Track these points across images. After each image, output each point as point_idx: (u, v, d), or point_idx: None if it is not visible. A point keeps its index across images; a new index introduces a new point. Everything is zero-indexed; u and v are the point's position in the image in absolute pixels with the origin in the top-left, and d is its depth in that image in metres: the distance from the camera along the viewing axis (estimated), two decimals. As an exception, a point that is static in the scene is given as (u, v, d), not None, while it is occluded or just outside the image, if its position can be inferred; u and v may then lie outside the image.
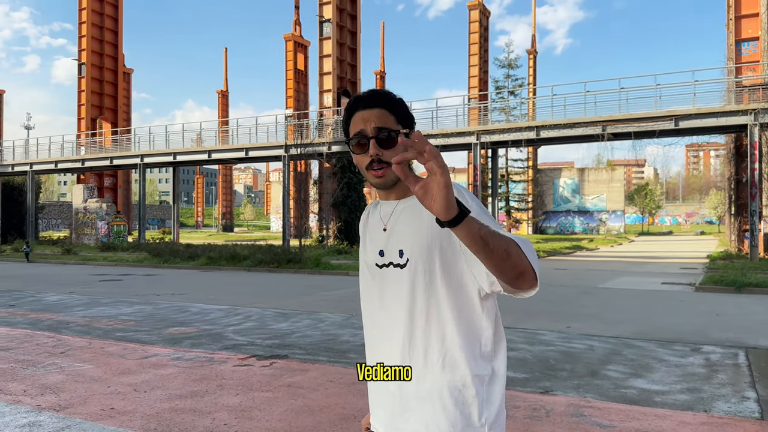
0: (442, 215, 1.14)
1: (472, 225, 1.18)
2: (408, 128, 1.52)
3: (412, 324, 1.45)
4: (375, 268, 1.53)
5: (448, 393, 1.41)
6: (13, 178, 44.92)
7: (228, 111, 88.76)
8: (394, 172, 1.34)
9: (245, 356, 6.56)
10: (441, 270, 1.42)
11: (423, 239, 1.43)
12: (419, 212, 1.44)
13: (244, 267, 20.40)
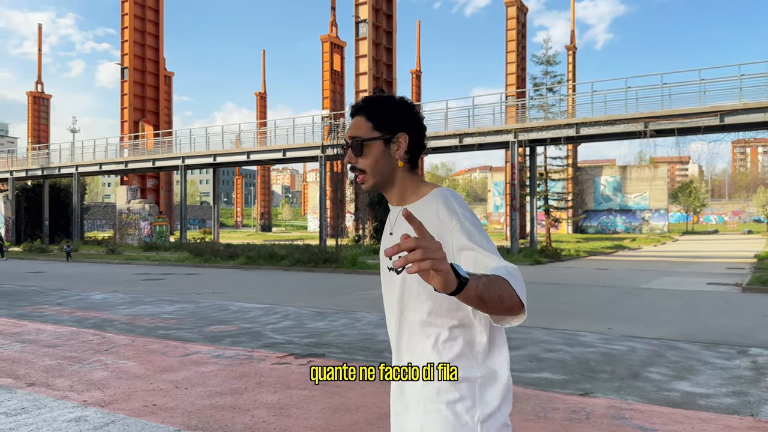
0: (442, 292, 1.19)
1: (469, 291, 1.21)
2: (391, 132, 1.55)
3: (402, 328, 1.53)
4: (386, 271, 1.60)
5: (440, 395, 1.46)
6: (59, 180, 46.49)
7: (266, 112, 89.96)
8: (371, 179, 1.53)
9: (283, 354, 6.64)
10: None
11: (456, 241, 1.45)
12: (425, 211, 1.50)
13: (282, 266, 20.65)
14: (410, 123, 1.58)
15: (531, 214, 29.00)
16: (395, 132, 1.56)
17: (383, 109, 1.58)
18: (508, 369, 1.50)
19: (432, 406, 1.47)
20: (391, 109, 1.58)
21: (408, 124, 1.58)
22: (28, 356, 6.55)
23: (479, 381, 1.47)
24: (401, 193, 1.60)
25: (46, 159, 45.86)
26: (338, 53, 61.58)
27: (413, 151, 1.59)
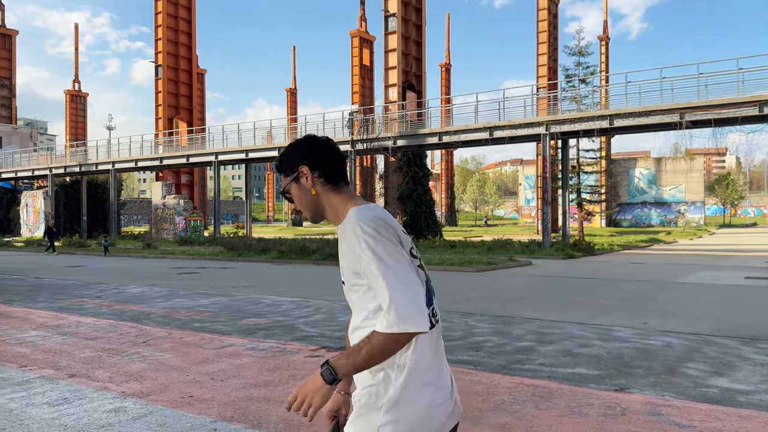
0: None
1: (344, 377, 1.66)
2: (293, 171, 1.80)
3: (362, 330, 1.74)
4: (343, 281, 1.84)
5: (361, 381, 1.72)
6: (97, 177, 47.64)
7: (296, 108, 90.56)
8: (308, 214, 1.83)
9: (316, 347, 6.70)
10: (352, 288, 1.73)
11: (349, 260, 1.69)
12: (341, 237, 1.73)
13: (313, 260, 20.81)
14: (307, 153, 1.80)
15: (563, 207, 28.60)
16: (296, 168, 1.80)
17: (282, 158, 1.84)
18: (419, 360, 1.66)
19: (359, 388, 1.73)
20: (287, 154, 1.83)
21: (304, 155, 1.80)
22: (69, 348, 6.75)
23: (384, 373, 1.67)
24: (335, 214, 1.81)
25: (84, 156, 47.02)
26: (367, 48, 61.55)
27: (326, 172, 1.79)
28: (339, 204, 1.79)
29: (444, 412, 1.68)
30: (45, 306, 10.29)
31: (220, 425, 4.14)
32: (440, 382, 1.69)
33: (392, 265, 1.60)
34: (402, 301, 1.56)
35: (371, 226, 1.63)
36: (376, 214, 1.67)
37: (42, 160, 49.70)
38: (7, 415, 4.38)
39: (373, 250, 1.60)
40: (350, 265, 1.69)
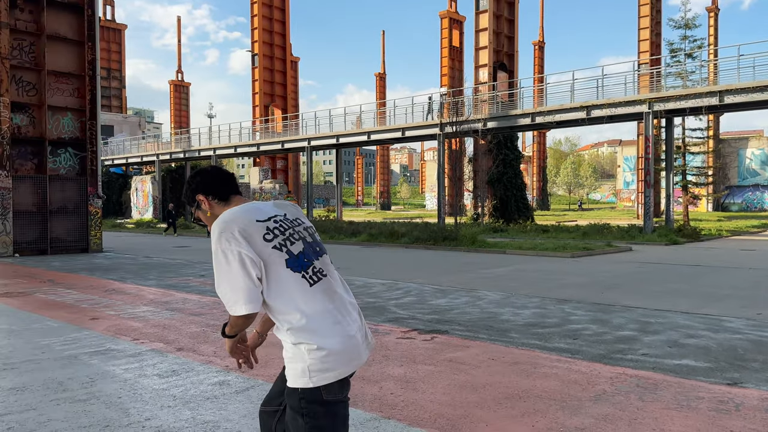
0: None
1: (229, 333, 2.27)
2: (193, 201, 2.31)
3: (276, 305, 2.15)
4: None
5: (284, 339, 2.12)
6: (199, 162, 50.22)
7: (385, 93, 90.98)
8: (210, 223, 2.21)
9: (407, 329, 6.73)
10: None
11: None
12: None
13: (402, 244, 20.93)
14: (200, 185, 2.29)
15: (666, 190, 27.00)
16: (194, 199, 2.30)
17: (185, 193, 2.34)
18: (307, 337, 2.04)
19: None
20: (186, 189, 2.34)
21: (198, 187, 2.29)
22: (177, 323, 7.17)
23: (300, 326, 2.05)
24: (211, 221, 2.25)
25: (188, 143, 49.73)
26: (457, 29, 60.58)
27: (217, 195, 2.27)
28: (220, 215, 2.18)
29: (355, 344, 2.11)
30: (154, 283, 11.00)
31: (317, 402, 4.24)
32: (339, 325, 2.09)
33: (222, 263, 2.02)
34: (224, 294, 2.04)
35: (216, 231, 2.05)
36: (224, 218, 2.08)
37: (150, 147, 53.09)
38: (122, 384, 4.72)
39: (215, 251, 2.03)
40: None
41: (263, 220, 2.12)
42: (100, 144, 19.56)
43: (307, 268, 2.12)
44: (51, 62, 17.96)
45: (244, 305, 2.02)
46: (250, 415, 3.97)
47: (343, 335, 2.07)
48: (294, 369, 2.05)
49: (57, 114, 18.18)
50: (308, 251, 2.16)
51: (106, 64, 71.53)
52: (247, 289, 2.01)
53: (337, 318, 2.10)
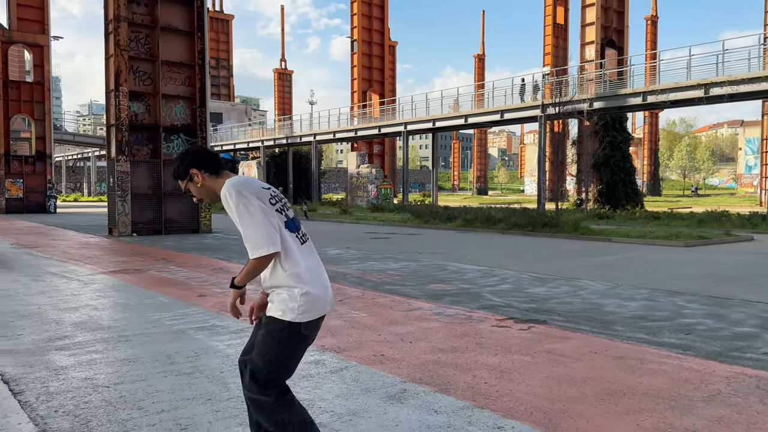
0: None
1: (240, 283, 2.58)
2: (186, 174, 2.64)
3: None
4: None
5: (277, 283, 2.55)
6: (301, 148, 51.83)
7: (484, 74, 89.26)
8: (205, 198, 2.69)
9: (503, 318, 6.54)
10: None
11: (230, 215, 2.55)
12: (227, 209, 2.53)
13: (499, 230, 20.48)
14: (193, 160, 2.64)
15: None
16: (188, 172, 2.64)
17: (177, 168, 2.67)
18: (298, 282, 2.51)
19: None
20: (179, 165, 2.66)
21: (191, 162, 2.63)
22: (277, 302, 7.39)
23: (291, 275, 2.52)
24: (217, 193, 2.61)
25: (290, 129, 51.39)
26: (561, 5, 58.04)
27: (209, 168, 2.62)
28: (218, 186, 2.59)
29: (329, 294, 2.61)
30: (257, 263, 11.45)
31: (410, 386, 4.20)
32: (320, 278, 2.59)
33: (246, 215, 2.43)
34: (251, 238, 2.43)
35: (232, 190, 2.45)
36: (236, 181, 2.50)
37: (255, 134, 55.42)
38: (224, 359, 4.92)
39: (237, 205, 2.44)
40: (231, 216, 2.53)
41: (266, 188, 2.59)
42: (209, 130, 20.60)
43: (298, 231, 2.63)
44: (164, 53, 19.07)
45: (270, 246, 2.42)
46: (344, 396, 4.00)
47: (322, 286, 2.57)
48: (286, 307, 2.51)
49: (170, 102, 19.32)
50: (296, 219, 2.69)
51: (215, 53, 75.22)
52: (271, 233, 2.43)
53: (319, 271, 2.62)
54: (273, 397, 2.56)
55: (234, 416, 3.64)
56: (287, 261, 2.51)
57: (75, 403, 3.84)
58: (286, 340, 2.52)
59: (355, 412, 3.72)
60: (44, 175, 36.38)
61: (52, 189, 36.52)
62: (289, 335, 2.52)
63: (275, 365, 2.55)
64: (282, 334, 2.51)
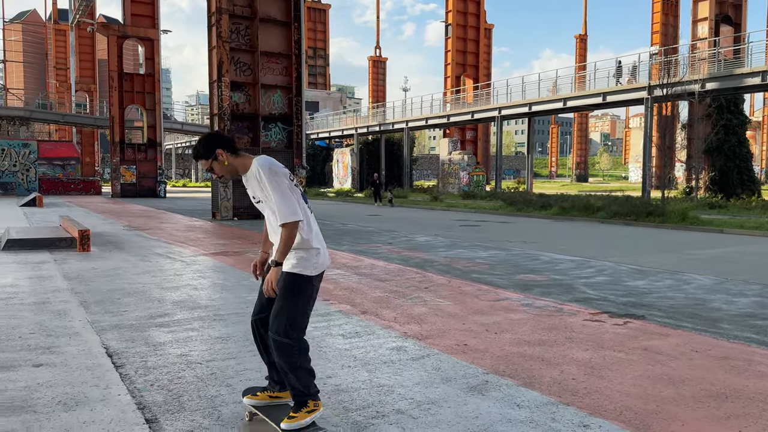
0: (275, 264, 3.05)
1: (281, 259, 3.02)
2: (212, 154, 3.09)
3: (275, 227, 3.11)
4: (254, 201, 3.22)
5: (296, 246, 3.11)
6: (393, 135, 52.10)
7: (586, 56, 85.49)
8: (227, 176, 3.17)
9: (596, 311, 6.24)
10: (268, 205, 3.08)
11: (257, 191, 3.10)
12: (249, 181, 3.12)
13: (598, 219, 19.59)
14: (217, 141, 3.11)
15: None
16: (213, 152, 3.09)
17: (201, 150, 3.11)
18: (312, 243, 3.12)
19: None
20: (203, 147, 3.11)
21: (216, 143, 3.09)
22: (363, 287, 7.48)
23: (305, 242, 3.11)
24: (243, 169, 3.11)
25: (383, 116, 51.78)
26: (671, -20, 54.32)
27: (230, 149, 3.10)
28: (242, 163, 3.12)
29: (328, 256, 3.23)
30: (347, 249, 11.65)
31: (492, 378, 4.10)
32: (323, 241, 3.20)
33: (278, 190, 2.97)
34: (282, 208, 2.95)
35: (265, 168, 3.00)
36: (267, 161, 3.04)
37: (349, 121, 56.34)
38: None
39: (270, 181, 2.97)
40: (256, 192, 3.11)
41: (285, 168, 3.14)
42: (305, 119, 21.15)
43: (307, 202, 3.19)
44: (263, 43, 19.72)
45: (297, 215, 2.98)
46: (424, 384, 3.96)
47: (325, 246, 3.19)
48: (304, 265, 3.08)
49: (268, 92, 19.99)
50: (304, 193, 3.24)
51: (312, 43, 77.00)
52: (295, 205, 3.00)
53: (322, 236, 3.23)
54: (295, 341, 3.07)
55: (315, 398, 3.70)
56: (304, 227, 3.07)
57: (169, 377, 4.07)
58: (304, 290, 3.09)
59: (435, 401, 3.68)
60: (155, 161, 38.92)
61: (162, 175, 39.05)
62: (306, 286, 3.09)
63: (299, 312, 3.09)
64: (301, 286, 3.08)
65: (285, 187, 2.99)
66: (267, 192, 3.00)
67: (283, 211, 2.94)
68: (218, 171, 3.13)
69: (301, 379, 3.08)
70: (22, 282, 7.61)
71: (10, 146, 37.59)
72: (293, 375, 3.06)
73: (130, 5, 37.13)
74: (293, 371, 3.06)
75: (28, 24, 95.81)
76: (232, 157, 3.10)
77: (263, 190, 3.02)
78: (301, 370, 3.08)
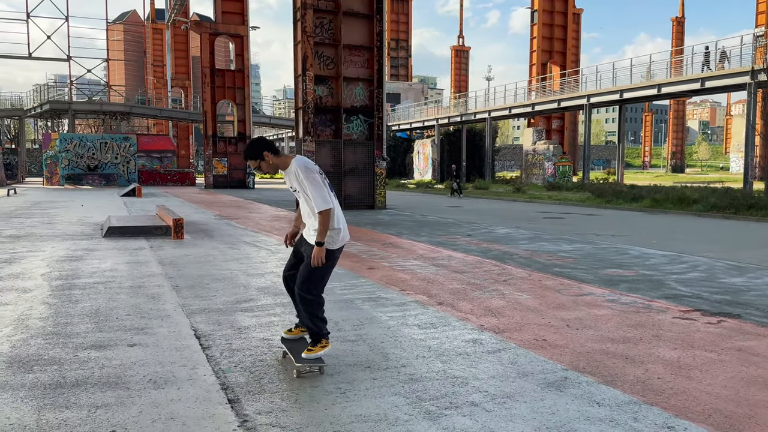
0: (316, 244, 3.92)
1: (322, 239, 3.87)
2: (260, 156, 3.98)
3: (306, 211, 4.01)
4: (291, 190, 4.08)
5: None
6: (475, 125, 51.37)
7: (683, 39, 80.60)
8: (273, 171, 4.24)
9: (687, 309, 5.91)
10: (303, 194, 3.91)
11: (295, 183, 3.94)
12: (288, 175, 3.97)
13: (693, 212, 18.50)
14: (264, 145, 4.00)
15: None
16: (261, 154, 3.97)
17: (250, 152, 4.00)
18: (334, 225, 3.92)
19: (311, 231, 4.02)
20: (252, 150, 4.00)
21: (263, 147, 3.99)
22: (440, 278, 7.46)
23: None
24: (283, 166, 3.98)
25: (464, 106, 51.16)
26: (782, -46, 50.03)
27: (273, 151, 3.98)
28: (282, 161, 3.97)
29: (347, 233, 4.07)
30: (425, 240, 11.65)
31: (571, 374, 3.99)
32: (344, 221, 4.02)
33: (314, 185, 3.82)
34: (317, 199, 3.80)
35: (302, 167, 3.85)
36: (303, 161, 3.91)
37: (430, 112, 56.08)
38: (386, 330, 5.08)
39: (306, 178, 3.82)
40: (293, 184, 3.95)
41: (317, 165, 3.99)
42: (386, 111, 21.27)
43: (332, 191, 3.97)
44: (345, 37, 19.97)
45: (330, 204, 3.83)
46: (499, 377, 3.91)
47: (346, 226, 4.04)
48: (329, 241, 3.91)
49: (350, 84, 20.25)
50: (331, 184, 4.05)
51: (394, 35, 77.15)
52: (327, 196, 3.84)
53: (344, 218, 4.04)
54: (315, 297, 4.00)
55: (390, 386, 3.75)
56: (336, 212, 3.94)
57: (252, 360, 4.25)
58: (327, 260, 3.95)
59: (510, 395, 3.62)
60: (244, 154, 40.42)
61: (250, 167, 40.54)
62: (328, 257, 3.94)
63: (320, 276, 4.02)
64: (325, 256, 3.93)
65: (318, 181, 3.83)
66: (303, 185, 3.85)
67: (318, 201, 3.79)
68: (265, 168, 4.06)
69: (317, 325, 4.01)
70: (120, 267, 8.16)
71: (112, 140, 40.25)
72: (311, 321, 4.00)
73: (221, 3, 38.65)
74: (311, 318, 4.00)
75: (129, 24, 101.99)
76: (275, 157, 3.97)
77: (300, 183, 3.88)
78: (318, 318, 4.01)
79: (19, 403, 3.43)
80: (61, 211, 17.74)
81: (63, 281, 7.11)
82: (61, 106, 51.22)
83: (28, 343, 4.59)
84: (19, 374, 3.91)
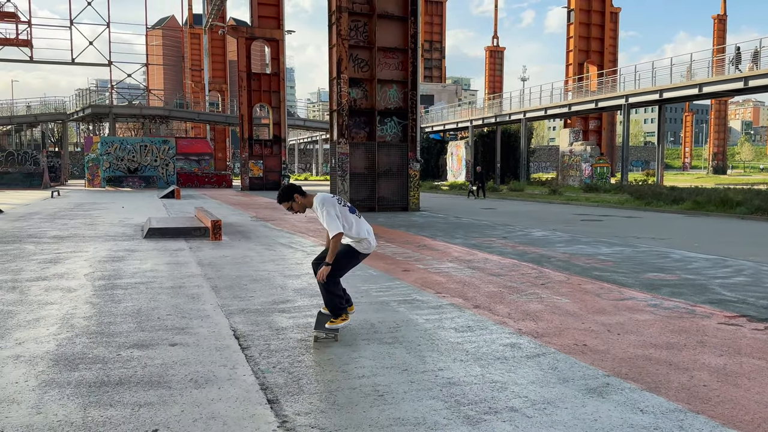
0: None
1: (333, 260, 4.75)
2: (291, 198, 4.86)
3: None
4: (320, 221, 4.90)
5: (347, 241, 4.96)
6: (509, 126, 50.87)
7: (725, 37, 78.46)
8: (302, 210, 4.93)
9: (733, 314, 5.73)
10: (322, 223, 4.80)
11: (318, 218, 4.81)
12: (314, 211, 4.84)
13: (737, 214, 17.95)
14: (295, 189, 4.84)
15: None
16: (292, 196, 4.83)
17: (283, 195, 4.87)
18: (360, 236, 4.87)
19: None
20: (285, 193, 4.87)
21: (293, 190, 4.84)
22: (476, 281, 7.40)
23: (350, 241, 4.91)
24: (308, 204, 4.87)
25: (499, 107, 50.73)
26: (831, -53, 48.31)
27: (301, 194, 4.83)
28: (308, 201, 4.83)
29: (374, 242, 4.95)
30: (460, 242, 11.57)
31: (613, 380, 3.90)
32: (371, 233, 4.93)
33: (328, 216, 4.67)
34: (330, 227, 4.66)
35: (320, 204, 4.73)
36: (320, 198, 4.80)
37: (464, 114, 55.79)
38: (422, 332, 5.06)
39: (322, 212, 4.70)
40: (318, 217, 4.75)
41: (335, 197, 4.83)
42: (419, 113, 21.22)
43: (355, 212, 4.87)
44: (380, 39, 20.01)
45: (339, 230, 4.63)
46: (539, 383, 3.85)
47: (372, 239, 4.90)
48: (357, 245, 4.84)
49: (384, 86, 20.28)
50: (353, 207, 4.92)
51: (428, 36, 77.02)
52: (337, 224, 4.64)
53: (370, 231, 4.91)
54: (330, 285, 4.80)
55: (427, 389, 3.72)
56: (351, 231, 4.77)
57: (290, 361, 4.28)
58: (350, 257, 4.88)
59: (551, 401, 3.56)
60: (280, 156, 40.92)
61: (286, 169, 41.00)
62: (352, 256, 4.89)
63: (338, 270, 4.83)
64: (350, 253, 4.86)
65: (331, 212, 4.65)
66: (320, 218, 4.73)
67: (330, 228, 4.66)
68: (296, 208, 4.85)
69: (335, 302, 4.85)
70: (161, 267, 8.33)
71: (152, 143, 41.18)
72: (330, 300, 4.85)
73: (257, 7, 39.19)
74: (330, 298, 4.85)
75: (168, 29, 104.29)
76: (302, 197, 4.81)
77: (318, 216, 4.76)
78: (336, 296, 4.86)
79: (65, 401, 3.53)
80: (103, 213, 18.22)
81: (106, 281, 7.30)
82: (102, 110, 52.68)
83: (74, 342, 4.72)
84: (65, 372, 4.02)
